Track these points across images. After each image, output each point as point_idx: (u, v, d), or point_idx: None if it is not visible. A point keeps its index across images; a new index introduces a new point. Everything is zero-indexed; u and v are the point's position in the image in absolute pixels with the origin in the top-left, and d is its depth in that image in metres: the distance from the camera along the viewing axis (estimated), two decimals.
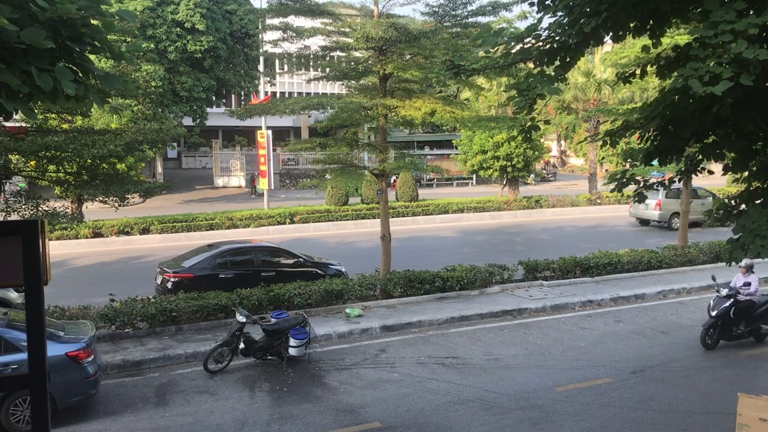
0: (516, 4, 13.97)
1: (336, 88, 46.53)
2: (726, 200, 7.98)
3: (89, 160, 12.63)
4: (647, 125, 7.15)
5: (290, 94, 51.00)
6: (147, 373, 10.76)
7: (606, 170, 39.83)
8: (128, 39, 15.84)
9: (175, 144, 48.46)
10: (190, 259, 14.50)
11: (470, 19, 14.52)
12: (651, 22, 6.49)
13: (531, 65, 7.05)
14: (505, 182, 33.61)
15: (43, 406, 2.33)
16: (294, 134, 57.26)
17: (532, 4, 7.04)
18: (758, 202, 6.87)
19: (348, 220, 27.75)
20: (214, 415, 9.13)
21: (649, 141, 7.44)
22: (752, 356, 11.43)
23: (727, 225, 7.74)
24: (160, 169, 42.22)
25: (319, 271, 15.19)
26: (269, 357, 11.10)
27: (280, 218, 26.68)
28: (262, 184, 31.39)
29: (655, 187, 8.81)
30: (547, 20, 6.82)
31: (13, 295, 12.88)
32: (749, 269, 11.87)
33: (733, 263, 6.98)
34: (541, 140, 35.94)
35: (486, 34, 6.83)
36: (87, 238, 23.02)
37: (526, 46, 7.00)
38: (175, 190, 36.57)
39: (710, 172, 8.90)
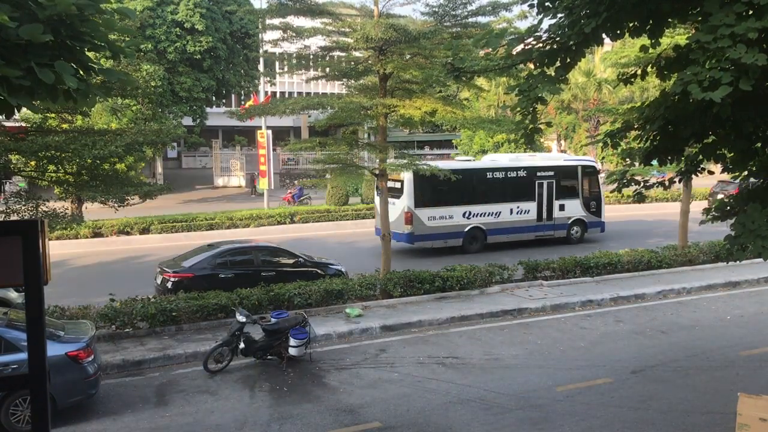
0: (516, 5, 13.97)
1: (336, 87, 46.52)
2: (725, 199, 7.99)
3: (89, 160, 12.61)
4: (647, 126, 7.16)
5: (290, 94, 50.99)
6: (147, 373, 10.76)
7: (606, 170, 39.83)
8: (127, 38, 15.83)
9: (175, 144, 48.43)
10: (190, 259, 14.50)
11: (470, 19, 14.52)
12: (650, 22, 6.49)
13: (531, 66, 7.05)
14: None
15: (43, 406, 2.34)
16: (294, 134, 57.26)
17: (531, 6, 7.05)
18: (758, 201, 6.87)
19: (348, 220, 27.74)
20: (214, 415, 9.13)
21: (649, 141, 7.45)
22: (752, 356, 11.43)
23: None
24: (160, 169, 42.21)
25: (319, 271, 15.19)
26: (269, 357, 11.10)
27: (280, 218, 26.68)
28: (262, 184, 31.40)
29: (655, 187, 8.85)
30: (547, 22, 6.83)
31: (13, 295, 12.87)
32: None
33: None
34: (541, 140, 35.99)
35: (489, 36, 6.84)
36: (87, 238, 23.02)
37: (526, 47, 7.01)
38: (175, 190, 36.52)
39: (710, 172, 8.92)
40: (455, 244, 21.11)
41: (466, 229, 21.08)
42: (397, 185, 20.52)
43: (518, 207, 21.87)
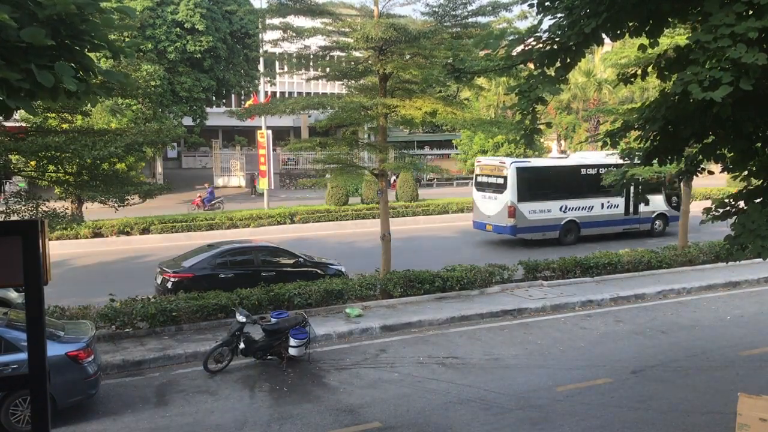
0: (516, 5, 13.97)
1: (336, 87, 46.50)
2: (725, 199, 7.99)
3: (89, 161, 12.61)
4: (647, 126, 7.15)
5: (290, 94, 50.97)
6: (147, 373, 10.76)
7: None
8: (127, 38, 15.88)
9: (175, 144, 48.41)
10: (190, 259, 14.50)
11: (470, 19, 14.51)
12: (650, 22, 6.49)
13: (531, 66, 7.05)
14: None
15: (43, 406, 2.34)
16: (294, 134, 57.23)
17: (531, 6, 7.05)
18: (758, 201, 6.87)
19: (348, 220, 27.74)
20: (214, 415, 9.13)
21: (649, 141, 7.45)
22: (752, 356, 11.43)
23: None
24: (160, 169, 42.19)
25: (319, 271, 15.18)
26: (269, 357, 11.10)
27: (280, 218, 26.68)
28: (262, 184, 31.38)
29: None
30: (547, 22, 6.83)
31: (13, 295, 12.87)
32: None
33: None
34: (541, 140, 35.98)
35: (489, 37, 6.84)
36: (87, 238, 23.01)
37: (526, 48, 7.01)
38: (175, 190, 36.50)
39: (710, 172, 8.93)
40: (552, 236, 22.52)
41: (563, 223, 22.60)
42: (499, 181, 22.14)
43: (608, 201, 23.10)
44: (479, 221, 23.62)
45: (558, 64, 6.63)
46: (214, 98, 43.32)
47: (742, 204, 7.46)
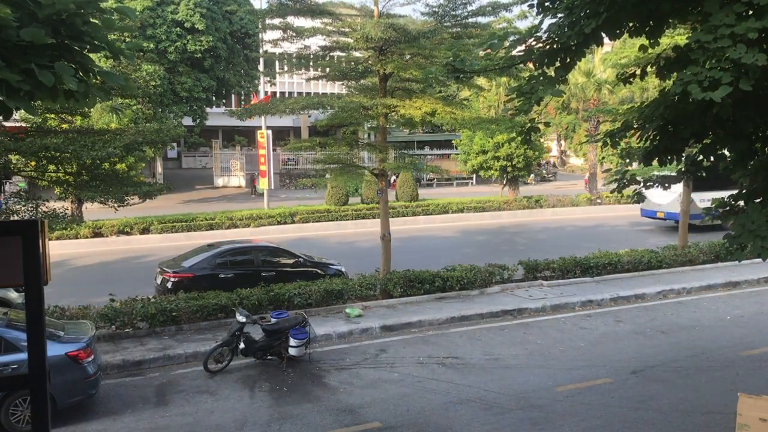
0: (516, 5, 13.97)
1: (336, 87, 46.52)
2: (726, 198, 8.01)
3: (89, 161, 12.61)
4: (647, 126, 7.15)
5: (290, 94, 50.97)
6: (147, 373, 10.76)
7: (606, 170, 39.79)
8: (127, 38, 15.88)
9: (175, 144, 48.40)
10: (190, 259, 14.50)
11: (470, 20, 14.51)
12: (650, 22, 6.49)
13: (531, 65, 7.06)
14: (505, 182, 33.62)
15: (43, 406, 2.34)
16: (294, 134, 57.24)
17: (531, 6, 7.05)
18: (758, 201, 6.87)
19: (348, 220, 27.75)
20: (214, 415, 9.13)
21: (649, 141, 7.45)
22: (752, 356, 11.43)
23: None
24: (160, 169, 42.19)
25: (319, 271, 15.18)
26: (269, 357, 11.10)
27: (280, 218, 26.69)
28: (262, 184, 31.39)
29: (655, 187, 8.90)
30: (547, 22, 6.84)
31: (13, 295, 12.87)
32: None
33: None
34: (541, 140, 35.94)
35: (492, 38, 6.85)
36: (87, 238, 23.02)
37: (527, 48, 7.02)
38: (175, 190, 36.51)
39: (711, 172, 8.93)
40: (717, 222, 24.39)
41: None
42: (673, 172, 24.42)
43: None
44: (649, 209, 25.62)
45: (558, 64, 6.64)
46: (214, 98, 43.33)
47: (742, 204, 7.46)
